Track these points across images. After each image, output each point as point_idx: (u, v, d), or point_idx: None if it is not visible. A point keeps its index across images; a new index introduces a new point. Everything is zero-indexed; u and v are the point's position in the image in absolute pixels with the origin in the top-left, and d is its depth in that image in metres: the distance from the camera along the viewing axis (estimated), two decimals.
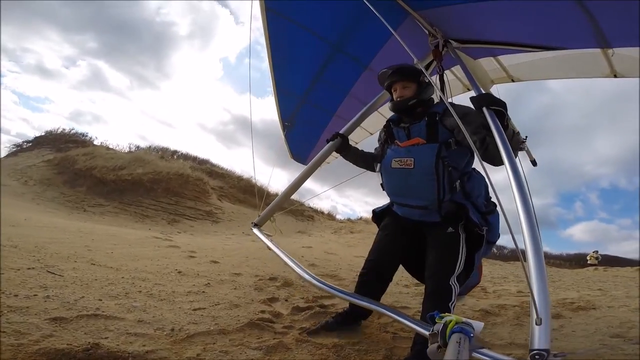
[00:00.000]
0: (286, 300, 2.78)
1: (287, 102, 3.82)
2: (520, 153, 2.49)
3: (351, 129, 2.64)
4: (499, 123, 1.60)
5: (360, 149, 2.59)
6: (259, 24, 2.78)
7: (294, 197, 2.86)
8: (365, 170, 2.53)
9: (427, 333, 1.22)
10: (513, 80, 2.91)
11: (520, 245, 1.29)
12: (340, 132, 2.56)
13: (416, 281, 4.60)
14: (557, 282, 5.82)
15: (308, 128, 4.17)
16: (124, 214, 11.31)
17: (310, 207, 16.97)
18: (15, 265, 2.50)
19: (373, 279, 2.15)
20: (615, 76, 2.22)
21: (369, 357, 1.82)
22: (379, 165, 2.16)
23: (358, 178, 2.92)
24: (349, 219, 16.09)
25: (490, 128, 1.60)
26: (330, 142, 2.51)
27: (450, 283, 1.76)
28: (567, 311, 3.38)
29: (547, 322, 1.07)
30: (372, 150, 2.45)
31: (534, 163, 2.70)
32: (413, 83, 2.05)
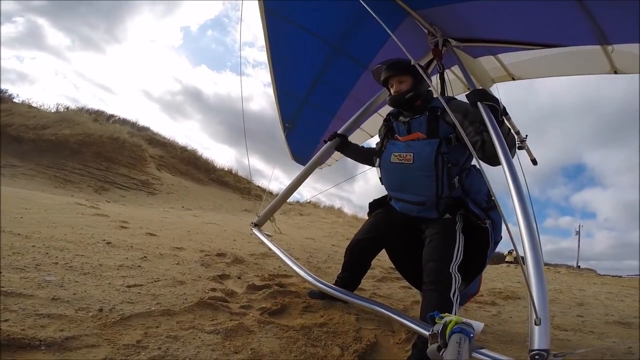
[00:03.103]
0: (239, 278, 2.49)
1: (288, 103, 3.78)
2: (520, 152, 2.53)
3: (350, 128, 2.65)
4: (493, 118, 1.61)
5: (360, 145, 2.59)
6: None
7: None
8: (370, 167, 2.48)
9: (427, 333, 1.21)
10: (514, 79, 2.90)
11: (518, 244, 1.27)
12: (339, 131, 2.57)
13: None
14: (484, 275, 6.34)
15: (309, 129, 4.10)
16: (42, 177, 9.71)
17: (258, 186, 16.38)
18: None
19: (355, 258, 2.23)
20: (615, 72, 2.24)
21: (339, 339, 1.66)
22: (377, 159, 2.11)
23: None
24: (297, 202, 15.83)
25: (485, 123, 1.61)
26: (329, 142, 2.51)
27: (450, 271, 1.64)
28: (499, 299, 3.64)
29: (546, 322, 1.07)
30: (374, 146, 2.39)
31: (534, 162, 2.77)
32: (408, 76, 2.01)
